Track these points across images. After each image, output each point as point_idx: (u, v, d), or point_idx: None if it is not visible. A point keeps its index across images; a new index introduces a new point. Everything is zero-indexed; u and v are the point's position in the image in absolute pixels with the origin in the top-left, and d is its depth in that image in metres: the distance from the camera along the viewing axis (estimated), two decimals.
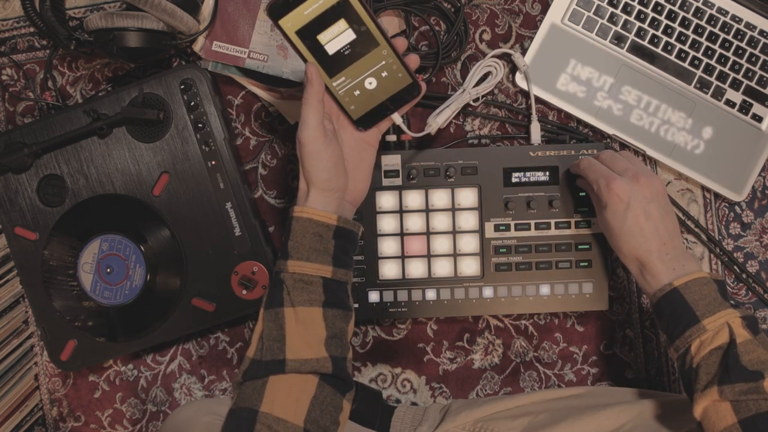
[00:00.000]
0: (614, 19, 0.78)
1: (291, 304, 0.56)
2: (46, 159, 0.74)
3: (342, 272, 0.58)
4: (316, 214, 0.57)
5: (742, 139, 0.78)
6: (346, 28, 0.56)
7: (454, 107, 0.76)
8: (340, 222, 0.58)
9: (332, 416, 0.55)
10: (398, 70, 0.58)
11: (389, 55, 0.58)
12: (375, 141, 0.63)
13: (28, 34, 0.81)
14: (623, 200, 0.62)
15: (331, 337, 0.56)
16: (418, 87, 0.59)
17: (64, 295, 0.75)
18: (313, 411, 0.54)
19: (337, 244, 0.58)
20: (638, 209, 0.62)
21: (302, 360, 0.55)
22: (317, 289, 0.56)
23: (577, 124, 0.80)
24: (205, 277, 0.75)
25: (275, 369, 0.55)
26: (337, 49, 0.57)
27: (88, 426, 0.84)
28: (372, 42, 0.57)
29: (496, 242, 0.76)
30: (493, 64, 0.77)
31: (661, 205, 0.63)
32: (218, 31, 0.76)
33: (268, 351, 0.55)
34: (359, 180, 0.62)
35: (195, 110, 0.73)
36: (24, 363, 0.82)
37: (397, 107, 0.60)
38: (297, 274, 0.56)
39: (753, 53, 0.78)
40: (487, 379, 0.82)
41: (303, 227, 0.57)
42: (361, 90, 0.59)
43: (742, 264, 0.81)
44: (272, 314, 0.56)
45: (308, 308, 0.56)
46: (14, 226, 0.75)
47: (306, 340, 0.55)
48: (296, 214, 0.57)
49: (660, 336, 0.80)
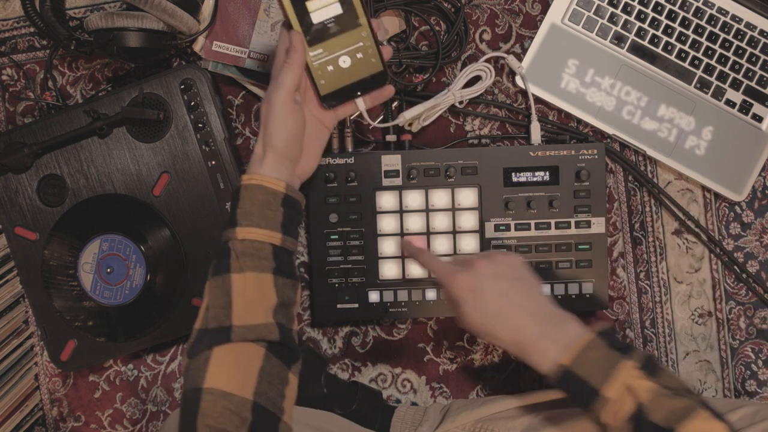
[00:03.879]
0: (614, 19, 0.78)
1: (240, 270, 0.54)
2: (46, 159, 0.74)
3: (290, 241, 0.58)
4: (266, 181, 0.57)
5: (742, 139, 0.78)
6: (335, 1, 0.57)
7: (431, 104, 0.75)
8: (288, 190, 0.58)
9: (279, 389, 0.53)
10: (372, 54, 0.60)
11: (367, 38, 0.59)
12: (330, 124, 0.64)
13: (28, 34, 0.81)
14: (469, 288, 0.58)
15: (281, 304, 0.55)
16: (386, 75, 0.61)
17: (64, 295, 0.74)
18: (261, 383, 0.52)
19: (285, 212, 0.57)
20: (488, 291, 0.58)
21: (249, 326, 0.53)
22: (267, 255, 0.55)
23: (577, 124, 0.80)
24: (205, 277, 0.74)
25: (220, 337, 0.53)
26: (322, 20, 0.58)
27: (88, 426, 0.84)
28: (355, 21, 0.58)
29: (496, 242, 0.76)
30: (484, 68, 0.77)
31: (513, 277, 0.59)
32: (218, 31, 0.76)
33: (213, 319, 0.54)
34: (311, 156, 0.62)
35: (195, 110, 0.73)
36: (24, 363, 0.82)
37: (363, 92, 0.61)
38: (247, 240, 0.55)
39: (753, 53, 0.78)
40: (487, 379, 0.82)
41: (252, 194, 0.56)
42: (334, 66, 0.60)
43: (742, 264, 0.81)
44: (219, 281, 0.55)
45: (259, 274, 0.55)
46: (14, 226, 0.75)
47: (254, 304, 0.54)
48: (245, 182, 0.57)
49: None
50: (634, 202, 0.81)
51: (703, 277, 0.81)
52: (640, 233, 0.81)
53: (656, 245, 0.81)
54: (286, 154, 0.58)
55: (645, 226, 0.81)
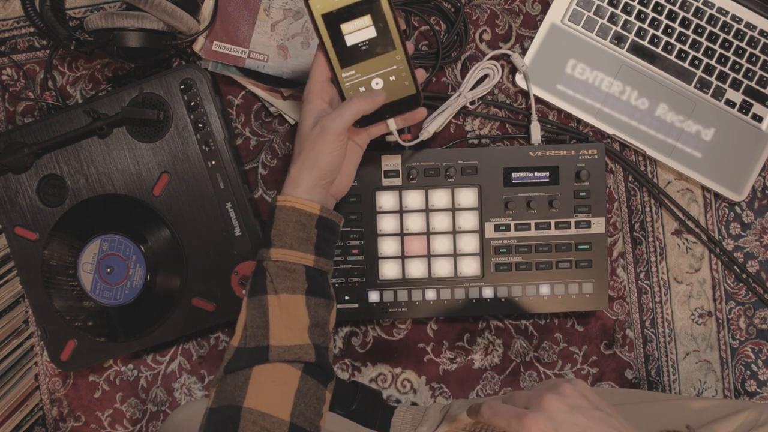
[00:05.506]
0: (614, 19, 0.78)
1: (274, 292, 0.56)
2: (46, 159, 0.74)
3: (324, 261, 0.59)
4: (300, 203, 0.58)
5: (742, 139, 0.78)
6: (369, 24, 0.58)
7: (449, 113, 0.76)
8: (323, 212, 0.58)
9: (316, 408, 0.55)
10: (406, 77, 0.60)
11: (401, 61, 0.59)
12: (363, 144, 0.65)
13: (28, 34, 0.81)
14: (545, 430, 0.50)
15: (314, 325, 0.56)
16: (419, 99, 0.61)
17: (64, 295, 0.74)
18: (298, 404, 0.54)
19: (319, 234, 0.58)
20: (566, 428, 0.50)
21: (286, 347, 0.54)
22: (300, 276, 0.57)
23: (577, 124, 0.80)
24: (205, 277, 0.75)
25: (259, 357, 0.54)
26: (356, 42, 0.58)
27: (88, 426, 0.84)
28: (389, 44, 0.58)
29: (496, 242, 0.76)
30: (491, 66, 0.77)
31: (587, 407, 0.52)
32: (218, 31, 0.76)
33: (252, 338, 0.55)
34: (344, 175, 0.63)
35: (195, 110, 0.73)
36: (24, 363, 0.82)
37: (394, 114, 0.62)
38: (280, 261, 0.56)
39: (753, 53, 0.78)
40: (487, 379, 0.82)
41: (286, 216, 0.57)
42: (366, 88, 0.60)
43: (742, 264, 0.81)
44: (256, 302, 0.56)
45: (291, 295, 0.56)
46: (14, 226, 0.75)
47: (289, 326, 0.55)
48: (280, 203, 0.58)
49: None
50: (634, 202, 0.81)
51: (703, 277, 0.81)
52: (640, 233, 0.81)
53: (656, 245, 0.81)
54: (327, 177, 0.59)
55: (645, 226, 0.81)
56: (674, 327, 0.81)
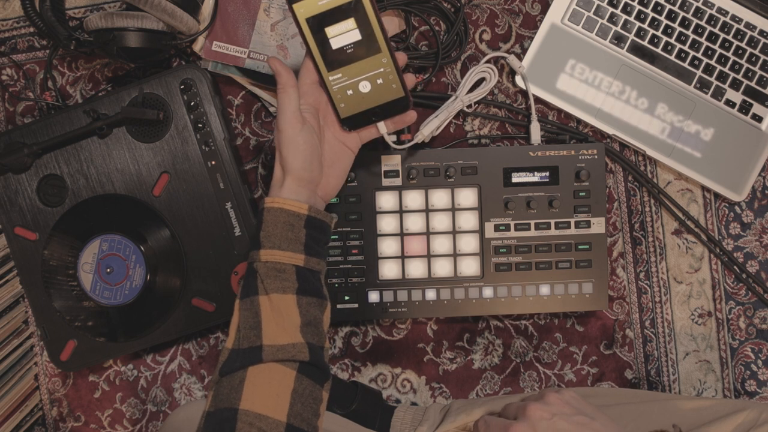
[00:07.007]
0: (614, 19, 0.78)
1: (265, 292, 0.56)
2: (46, 159, 0.74)
3: (314, 261, 0.59)
4: (287, 204, 0.58)
5: (742, 139, 0.78)
6: (354, 27, 0.58)
7: (444, 116, 0.76)
8: (311, 212, 0.59)
9: (313, 408, 0.55)
10: (393, 80, 0.60)
11: (388, 64, 0.59)
12: (354, 147, 0.64)
13: (28, 34, 0.81)
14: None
15: (306, 324, 0.56)
16: (408, 102, 0.61)
17: (64, 295, 0.75)
18: (294, 405, 0.54)
19: (308, 234, 0.58)
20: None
21: (278, 346, 0.54)
22: (290, 276, 0.57)
23: (577, 124, 0.80)
24: (205, 277, 0.75)
25: (253, 357, 0.54)
26: (341, 46, 0.58)
27: (88, 426, 0.84)
28: (375, 47, 0.59)
29: (496, 242, 0.76)
30: (487, 70, 0.77)
31: (570, 413, 0.56)
32: (218, 31, 0.76)
33: (245, 339, 0.55)
34: (332, 177, 0.63)
35: (195, 110, 0.73)
36: (24, 363, 0.82)
37: (383, 117, 0.62)
38: (270, 262, 0.57)
39: (753, 53, 0.78)
40: (487, 379, 0.82)
41: (274, 217, 0.58)
42: (354, 90, 0.60)
43: (742, 264, 0.81)
44: (247, 303, 0.56)
45: (282, 295, 0.56)
46: (14, 226, 0.75)
47: (281, 326, 0.55)
48: (267, 205, 0.58)
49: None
50: (633, 202, 0.81)
51: (703, 277, 0.81)
52: (640, 233, 0.81)
53: (656, 245, 0.81)
54: (305, 176, 0.59)
55: (645, 226, 0.81)
56: (674, 327, 0.81)
